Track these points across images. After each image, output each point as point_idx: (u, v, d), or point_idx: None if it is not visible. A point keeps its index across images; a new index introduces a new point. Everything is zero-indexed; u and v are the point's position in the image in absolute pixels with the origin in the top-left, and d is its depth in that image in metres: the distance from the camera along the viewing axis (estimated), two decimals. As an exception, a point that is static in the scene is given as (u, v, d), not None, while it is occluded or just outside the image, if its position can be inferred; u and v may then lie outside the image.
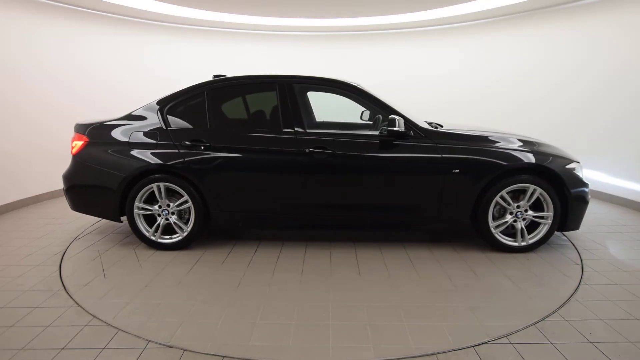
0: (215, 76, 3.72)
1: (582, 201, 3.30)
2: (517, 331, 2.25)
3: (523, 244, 3.34)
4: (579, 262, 3.21)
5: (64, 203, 5.15)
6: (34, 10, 5.13)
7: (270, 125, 3.51)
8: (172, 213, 3.47)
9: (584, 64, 5.34)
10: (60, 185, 5.44)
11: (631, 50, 4.84)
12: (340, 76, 3.73)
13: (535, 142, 3.45)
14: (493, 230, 3.33)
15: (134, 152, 3.39)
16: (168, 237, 3.51)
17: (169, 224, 3.50)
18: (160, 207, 3.45)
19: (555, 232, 3.46)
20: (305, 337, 2.24)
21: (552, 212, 3.27)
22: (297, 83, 3.48)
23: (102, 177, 3.44)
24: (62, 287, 2.82)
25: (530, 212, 3.31)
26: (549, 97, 5.81)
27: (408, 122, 3.30)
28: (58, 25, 5.44)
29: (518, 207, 3.30)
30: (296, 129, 3.35)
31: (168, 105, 3.51)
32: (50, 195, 5.39)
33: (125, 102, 4.95)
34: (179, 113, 3.51)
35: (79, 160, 3.54)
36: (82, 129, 3.60)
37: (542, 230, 3.34)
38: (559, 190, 3.26)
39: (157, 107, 3.53)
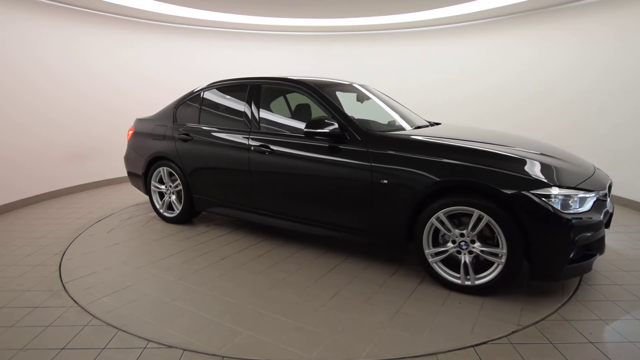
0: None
1: (555, 242, 2.38)
2: (517, 331, 2.25)
3: (467, 282, 2.63)
4: (526, 324, 2.30)
5: (63, 203, 5.17)
6: (39, 11, 5.13)
7: (238, 123, 3.67)
8: (172, 193, 4.21)
9: (580, 62, 5.38)
10: (58, 185, 5.50)
11: (620, 50, 4.88)
12: (340, 77, 3.71)
13: (530, 156, 2.64)
14: (430, 259, 2.74)
15: (153, 142, 4.21)
16: (170, 212, 4.27)
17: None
18: (166, 186, 4.23)
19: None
20: (151, 310, 2.52)
21: (506, 249, 2.45)
22: (266, 84, 3.63)
23: (137, 159, 4.40)
24: (62, 287, 2.83)
25: (477, 245, 2.58)
26: (547, 94, 5.82)
27: (349, 124, 3.01)
28: (62, 26, 5.44)
29: (462, 235, 2.63)
30: (252, 127, 3.55)
31: (179, 104, 4.18)
32: (50, 195, 5.39)
33: (140, 103, 4.94)
34: (185, 111, 4.13)
35: (129, 146, 4.58)
36: (134, 121, 4.61)
37: (494, 271, 2.54)
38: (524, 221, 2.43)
39: (172, 106, 4.23)
